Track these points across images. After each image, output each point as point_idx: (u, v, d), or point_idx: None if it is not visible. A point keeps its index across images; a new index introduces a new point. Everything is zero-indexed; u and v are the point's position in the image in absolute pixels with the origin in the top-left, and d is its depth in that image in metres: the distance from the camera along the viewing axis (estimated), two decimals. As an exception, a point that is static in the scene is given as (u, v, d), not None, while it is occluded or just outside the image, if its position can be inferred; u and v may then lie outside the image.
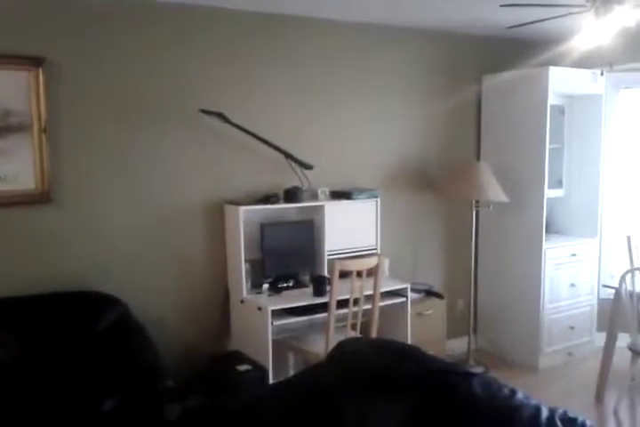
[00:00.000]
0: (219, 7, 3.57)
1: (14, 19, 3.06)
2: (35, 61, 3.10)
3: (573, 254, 4.49)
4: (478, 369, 4.27)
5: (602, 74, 4.29)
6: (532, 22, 3.00)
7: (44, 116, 3.14)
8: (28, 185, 3.16)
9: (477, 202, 4.37)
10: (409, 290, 3.94)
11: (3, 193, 3.08)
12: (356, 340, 2.77)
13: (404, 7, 3.70)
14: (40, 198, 3.18)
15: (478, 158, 4.69)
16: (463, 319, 4.60)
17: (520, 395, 1.86)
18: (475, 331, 4.82)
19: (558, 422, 1.68)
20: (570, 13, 2.69)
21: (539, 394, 1.84)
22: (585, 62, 4.21)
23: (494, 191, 4.16)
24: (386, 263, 4.04)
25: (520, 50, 4.57)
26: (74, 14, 3.20)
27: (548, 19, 2.84)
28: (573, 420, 1.68)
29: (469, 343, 4.49)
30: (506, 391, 1.89)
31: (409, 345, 2.46)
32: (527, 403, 1.81)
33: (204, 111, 3.50)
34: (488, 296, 4.78)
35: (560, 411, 1.74)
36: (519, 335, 4.53)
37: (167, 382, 2.74)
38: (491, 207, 4.40)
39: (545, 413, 1.74)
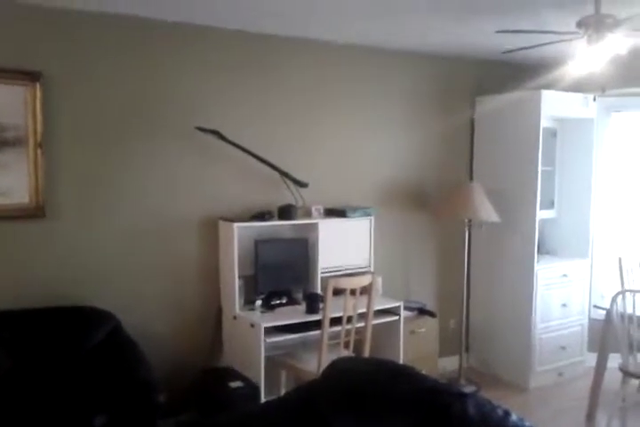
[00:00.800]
0: (215, 27, 3.61)
1: (13, 34, 3.09)
2: (32, 76, 3.13)
3: (565, 275, 4.52)
4: (470, 388, 4.27)
5: (594, 99, 4.36)
6: (527, 48, 3.05)
7: (39, 130, 3.16)
8: (23, 199, 3.16)
9: (470, 222, 4.40)
10: (402, 308, 3.95)
11: (0, 206, 3.08)
12: (349, 359, 2.76)
13: (400, 31, 3.76)
14: (34, 212, 3.18)
15: (471, 179, 4.73)
16: (455, 338, 4.61)
17: (514, 417, 1.86)
18: (467, 349, 4.83)
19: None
20: (562, 40, 2.75)
21: (530, 414, 1.85)
22: (578, 86, 4.28)
23: (486, 211, 4.19)
24: (379, 282, 4.05)
25: (514, 73, 4.64)
26: (71, 31, 3.24)
27: (541, 44, 2.89)
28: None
29: (461, 362, 4.49)
30: (499, 413, 1.90)
31: (403, 365, 2.45)
32: (521, 425, 1.81)
33: (199, 129, 3.52)
34: (480, 315, 4.80)
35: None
36: (510, 355, 4.54)
37: (159, 397, 2.73)
38: (483, 227, 4.44)
39: (538, 434, 1.74)
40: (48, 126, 3.18)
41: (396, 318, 3.92)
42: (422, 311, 4.31)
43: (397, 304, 3.95)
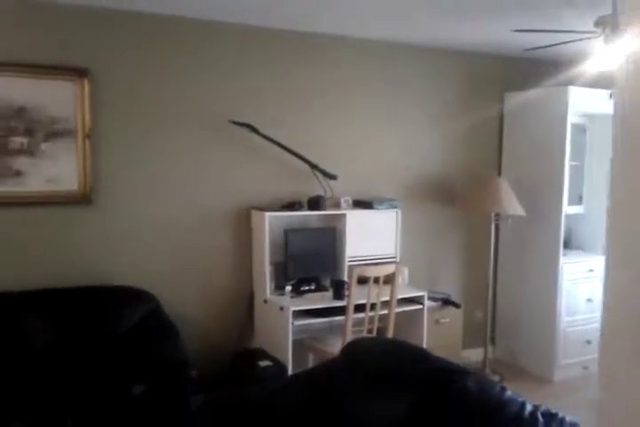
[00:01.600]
0: (251, 25, 3.80)
1: (62, 33, 3.35)
2: (80, 72, 3.38)
3: (591, 270, 4.57)
4: (494, 378, 4.37)
5: (610, 96, 4.38)
6: (547, 46, 3.14)
7: (87, 122, 3.41)
8: (72, 186, 3.43)
9: (497, 215, 4.49)
10: (426, 298, 4.08)
11: (49, 193, 3.36)
12: (366, 339, 2.94)
13: (428, 29, 3.88)
14: (81, 199, 3.45)
15: (499, 173, 4.82)
16: (480, 329, 4.71)
17: (509, 392, 2.00)
18: (492, 341, 4.92)
19: (539, 416, 1.82)
20: (581, 39, 2.83)
21: (552, 405, 1.95)
22: (602, 82, 4.30)
23: (512, 205, 4.28)
24: (404, 271, 4.19)
25: (541, 69, 4.69)
26: (116, 29, 3.48)
27: (560, 43, 2.98)
28: (554, 415, 1.82)
29: (486, 353, 4.59)
30: (497, 389, 2.04)
31: (414, 346, 2.61)
32: (514, 399, 1.95)
33: (234, 122, 3.73)
34: (506, 308, 4.88)
35: (543, 407, 1.88)
36: (536, 347, 4.62)
37: (192, 372, 2.94)
38: (509, 221, 4.52)
39: (529, 408, 1.88)
40: (94, 119, 3.44)
41: (420, 307, 4.06)
42: (447, 302, 4.43)
43: (421, 294, 4.08)
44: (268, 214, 3.79)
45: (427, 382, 2.19)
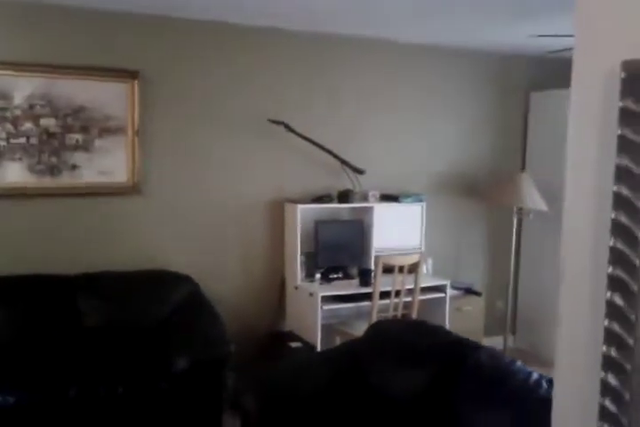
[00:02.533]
0: (286, 29, 4.07)
1: (116, 38, 3.66)
2: (131, 74, 3.69)
3: (609, 262, 4.73)
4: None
5: None
6: (568, 49, 3.33)
7: (137, 120, 3.72)
8: (122, 178, 3.74)
9: (520, 209, 4.68)
10: (448, 286, 4.31)
11: (102, 184, 3.68)
12: (389, 320, 3.19)
13: (455, 31, 4.10)
14: (131, 190, 3.76)
15: (523, 169, 5.01)
16: (501, 319, 4.92)
17: (518, 363, 2.24)
18: (513, 331, 5.13)
19: (544, 383, 2.05)
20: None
21: None
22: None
23: (533, 200, 4.47)
24: (428, 261, 4.43)
25: (567, 69, 4.84)
26: (163, 34, 3.78)
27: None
28: (556, 382, 2.05)
29: (505, 341, 4.80)
30: (506, 360, 2.28)
31: (432, 324, 2.85)
32: (523, 369, 2.19)
33: (271, 120, 4.00)
34: (528, 299, 5.08)
35: (548, 376, 2.12)
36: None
37: (231, 347, 3.22)
38: (531, 215, 4.71)
39: (535, 376, 2.12)
40: (143, 117, 3.74)
41: (443, 295, 4.29)
42: (469, 291, 4.65)
43: (444, 283, 4.31)
44: (300, 207, 4.05)
45: (444, 355, 2.45)
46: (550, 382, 2.08)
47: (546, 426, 1.17)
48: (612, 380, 0.79)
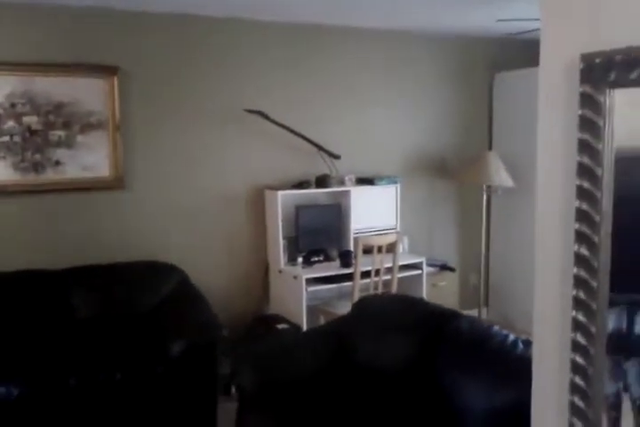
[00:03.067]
0: (260, 20, 4.18)
1: (93, 35, 3.73)
2: (111, 70, 3.76)
3: (574, 235, 4.98)
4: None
5: None
6: (532, 31, 3.53)
7: (117, 115, 3.80)
8: (105, 173, 3.82)
9: (489, 187, 4.90)
10: (424, 264, 4.52)
11: (86, 179, 3.76)
12: (373, 296, 3.37)
13: (415, 17, 4.26)
14: (114, 184, 3.85)
15: (490, 148, 5.22)
16: (475, 293, 5.15)
17: (495, 328, 2.44)
18: (487, 304, 5.37)
19: (520, 344, 2.25)
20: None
21: None
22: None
23: (500, 178, 4.69)
24: (404, 240, 4.62)
25: (530, 50, 5.03)
26: (140, 29, 3.86)
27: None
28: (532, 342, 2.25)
29: (479, 314, 5.04)
30: (484, 326, 2.47)
31: (414, 297, 3.04)
32: (499, 332, 2.38)
33: (247, 110, 4.12)
34: (499, 272, 5.32)
35: (523, 337, 2.31)
36: (528, 309, 5.03)
37: (223, 331, 3.36)
38: (499, 192, 4.94)
39: (511, 338, 2.31)
40: (123, 112, 3.82)
41: (419, 272, 4.49)
42: (443, 267, 4.87)
43: (420, 260, 4.52)
44: (280, 193, 4.19)
45: (427, 324, 2.63)
46: (525, 342, 2.28)
47: (523, 382, 1.34)
48: (580, 339, 0.96)
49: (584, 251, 0.94)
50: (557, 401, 1.06)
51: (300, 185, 4.31)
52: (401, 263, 4.28)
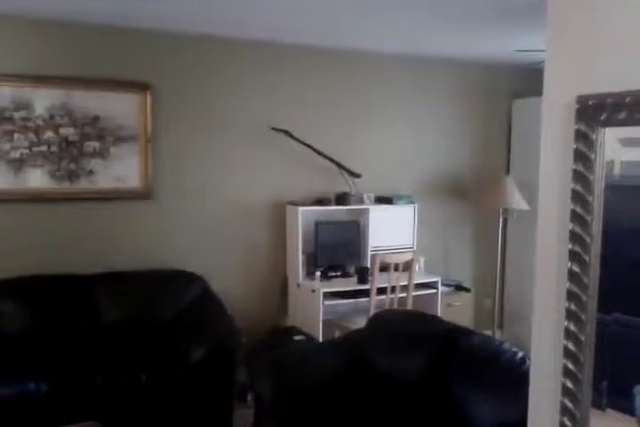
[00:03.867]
0: (286, 43, 4.35)
1: (127, 51, 3.93)
2: (143, 86, 3.95)
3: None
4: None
5: None
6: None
7: (149, 129, 3.98)
8: (135, 183, 4.00)
9: (505, 210, 5.00)
10: (439, 283, 4.60)
11: (117, 189, 3.94)
12: (389, 311, 3.47)
13: (436, 44, 4.41)
14: (143, 194, 4.02)
15: (507, 172, 5.32)
16: (489, 314, 5.22)
17: (506, 345, 2.53)
18: (501, 326, 5.43)
19: (527, 360, 2.34)
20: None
21: None
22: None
23: (516, 201, 4.78)
24: (420, 260, 4.72)
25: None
26: (172, 47, 4.06)
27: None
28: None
29: (493, 334, 5.09)
30: (496, 343, 2.57)
31: (428, 313, 3.14)
32: (509, 349, 2.48)
33: (273, 129, 4.28)
34: (515, 295, 5.38)
35: (531, 354, 2.40)
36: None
37: (242, 338, 3.48)
38: (515, 216, 5.03)
39: (520, 354, 2.41)
40: (155, 126, 4.01)
41: (434, 291, 4.58)
42: (458, 287, 4.95)
43: (436, 279, 4.61)
44: (301, 209, 4.33)
45: (441, 340, 2.73)
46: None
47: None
48: (572, 327, 1.08)
49: (576, 268, 1.06)
50: (552, 403, 1.18)
51: (321, 202, 4.44)
52: (416, 282, 4.38)
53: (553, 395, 1.17)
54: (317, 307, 4.16)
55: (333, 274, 4.50)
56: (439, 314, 4.55)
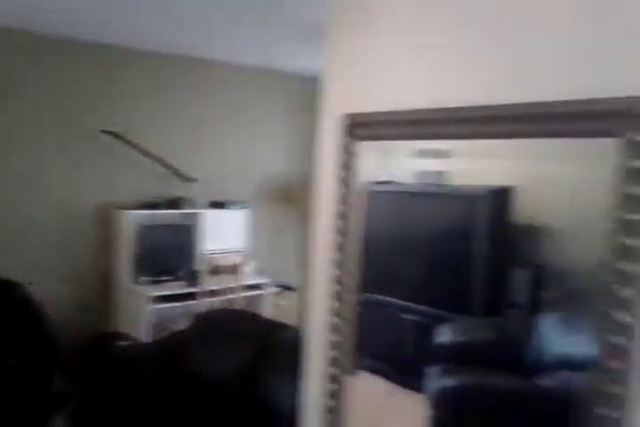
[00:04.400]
0: (118, 45, 4.34)
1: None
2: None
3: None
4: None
5: None
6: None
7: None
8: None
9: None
10: (267, 284, 4.81)
11: None
12: (213, 310, 3.60)
13: (275, 56, 4.65)
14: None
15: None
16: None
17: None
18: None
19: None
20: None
21: None
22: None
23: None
24: (251, 262, 4.90)
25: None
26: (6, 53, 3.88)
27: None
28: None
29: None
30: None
31: (249, 311, 3.32)
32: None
33: (103, 131, 4.24)
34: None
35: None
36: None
37: (58, 346, 3.40)
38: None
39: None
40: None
41: (262, 292, 4.79)
42: (285, 288, 5.20)
43: (264, 281, 4.82)
44: (128, 212, 4.31)
45: (255, 335, 2.90)
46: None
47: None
48: (335, 304, 1.30)
49: (340, 256, 1.28)
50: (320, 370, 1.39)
51: (153, 206, 4.46)
52: (246, 283, 4.54)
53: (322, 363, 1.39)
54: (145, 311, 4.17)
55: (164, 278, 4.51)
56: (266, 314, 4.76)
